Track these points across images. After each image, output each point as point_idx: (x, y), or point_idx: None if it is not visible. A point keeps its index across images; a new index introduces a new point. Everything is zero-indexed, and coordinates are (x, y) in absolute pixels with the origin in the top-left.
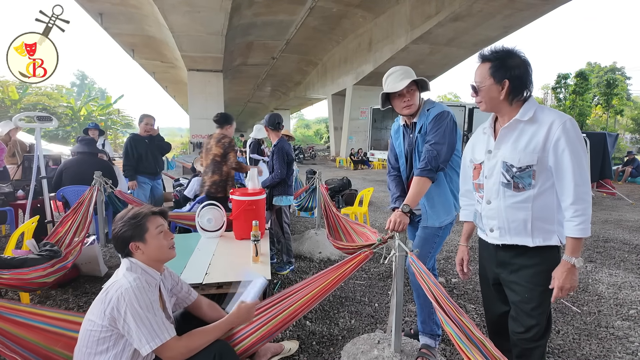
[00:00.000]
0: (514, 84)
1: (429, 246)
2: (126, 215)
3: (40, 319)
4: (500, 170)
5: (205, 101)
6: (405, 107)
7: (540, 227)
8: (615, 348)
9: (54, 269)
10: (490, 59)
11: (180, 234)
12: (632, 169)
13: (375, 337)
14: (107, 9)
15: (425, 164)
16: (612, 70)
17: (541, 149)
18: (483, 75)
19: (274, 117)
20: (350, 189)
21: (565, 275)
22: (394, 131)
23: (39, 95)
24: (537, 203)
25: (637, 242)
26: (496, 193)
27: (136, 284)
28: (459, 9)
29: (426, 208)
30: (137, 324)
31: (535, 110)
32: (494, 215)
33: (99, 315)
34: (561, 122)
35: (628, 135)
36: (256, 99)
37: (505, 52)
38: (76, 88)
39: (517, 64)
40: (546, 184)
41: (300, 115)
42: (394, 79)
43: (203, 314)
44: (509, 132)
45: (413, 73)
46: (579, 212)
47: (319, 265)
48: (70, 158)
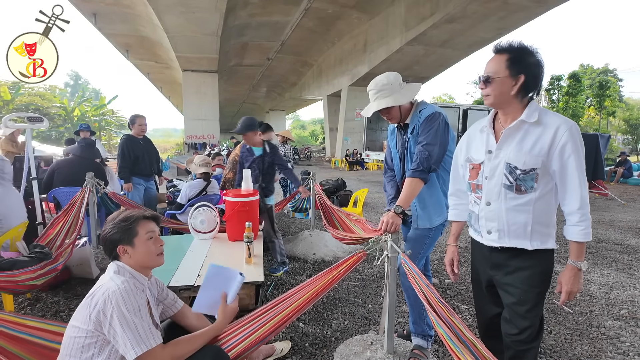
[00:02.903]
0: (528, 81)
1: (419, 247)
2: (117, 217)
3: (22, 329)
4: (503, 171)
5: (200, 102)
6: (387, 119)
7: (539, 231)
8: (607, 348)
9: (44, 271)
10: (508, 51)
11: (173, 236)
12: (624, 169)
13: (368, 338)
14: (100, 9)
15: (417, 165)
16: (605, 72)
17: (546, 153)
18: (498, 67)
19: (253, 120)
20: (345, 190)
21: (573, 280)
22: (390, 132)
23: (32, 96)
24: (538, 206)
25: (628, 243)
26: (497, 195)
27: (124, 287)
28: (454, 11)
29: (417, 209)
30: (123, 328)
31: (539, 113)
32: (493, 217)
33: (83, 320)
34: (567, 127)
35: (620, 136)
36: (251, 100)
37: (525, 47)
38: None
39: (534, 62)
40: (547, 187)
41: (296, 116)
42: (370, 98)
43: (188, 323)
44: (513, 133)
45: (391, 87)
46: (585, 217)
47: (313, 266)
48: (63, 158)
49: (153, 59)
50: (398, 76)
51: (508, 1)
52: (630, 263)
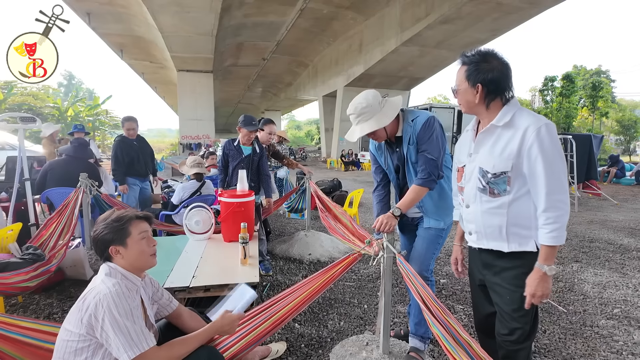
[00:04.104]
0: (489, 88)
1: (434, 247)
2: (109, 217)
3: (15, 329)
4: (477, 175)
5: (195, 102)
6: (373, 139)
7: (515, 233)
8: (600, 347)
9: (36, 273)
10: (466, 62)
11: (167, 237)
12: (617, 170)
13: (363, 338)
14: (94, 9)
15: (429, 175)
16: (598, 73)
17: (516, 155)
18: (460, 79)
19: (252, 117)
20: (341, 190)
21: (537, 283)
22: (376, 148)
23: (25, 96)
24: (513, 209)
25: (621, 242)
26: (474, 197)
27: (115, 290)
28: (448, 12)
29: (428, 210)
30: (115, 331)
31: (513, 115)
32: (472, 219)
33: (76, 323)
34: (535, 128)
35: (613, 137)
36: (247, 100)
37: (481, 55)
38: (63, 88)
39: (491, 68)
40: (522, 190)
41: (292, 117)
42: (352, 121)
43: (183, 323)
44: (486, 137)
45: (371, 108)
46: (551, 220)
47: (309, 267)
48: (56, 159)
49: (148, 59)
50: (377, 95)
51: (502, 2)
52: (623, 262)
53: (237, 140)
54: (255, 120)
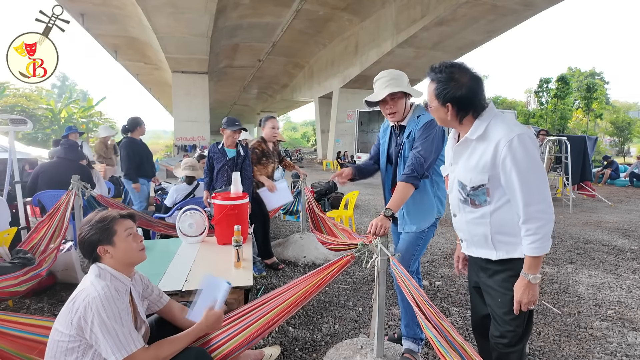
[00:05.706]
0: (459, 106)
1: (413, 249)
2: (93, 218)
3: (10, 325)
4: (457, 187)
5: (190, 103)
6: (389, 114)
7: (501, 241)
8: (594, 348)
9: (26, 277)
10: (434, 80)
11: (160, 240)
12: (612, 171)
13: (358, 342)
14: (89, 10)
15: (412, 171)
16: (592, 75)
17: (490, 167)
18: (430, 96)
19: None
20: (337, 192)
21: (523, 290)
22: (383, 129)
23: (17, 97)
24: (495, 218)
25: (615, 243)
26: (458, 208)
27: (104, 293)
28: (444, 14)
29: (403, 214)
30: (104, 334)
31: (487, 126)
32: (459, 227)
33: (66, 325)
34: (507, 141)
35: (607, 138)
36: (242, 102)
37: (448, 73)
38: (56, 90)
39: (460, 85)
40: (502, 199)
41: (287, 118)
42: (379, 86)
43: (175, 318)
44: (462, 150)
45: (402, 79)
46: (531, 232)
47: (304, 269)
48: (47, 161)
49: (142, 60)
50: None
51: (497, 4)
52: (617, 264)
53: (221, 143)
54: (239, 121)
